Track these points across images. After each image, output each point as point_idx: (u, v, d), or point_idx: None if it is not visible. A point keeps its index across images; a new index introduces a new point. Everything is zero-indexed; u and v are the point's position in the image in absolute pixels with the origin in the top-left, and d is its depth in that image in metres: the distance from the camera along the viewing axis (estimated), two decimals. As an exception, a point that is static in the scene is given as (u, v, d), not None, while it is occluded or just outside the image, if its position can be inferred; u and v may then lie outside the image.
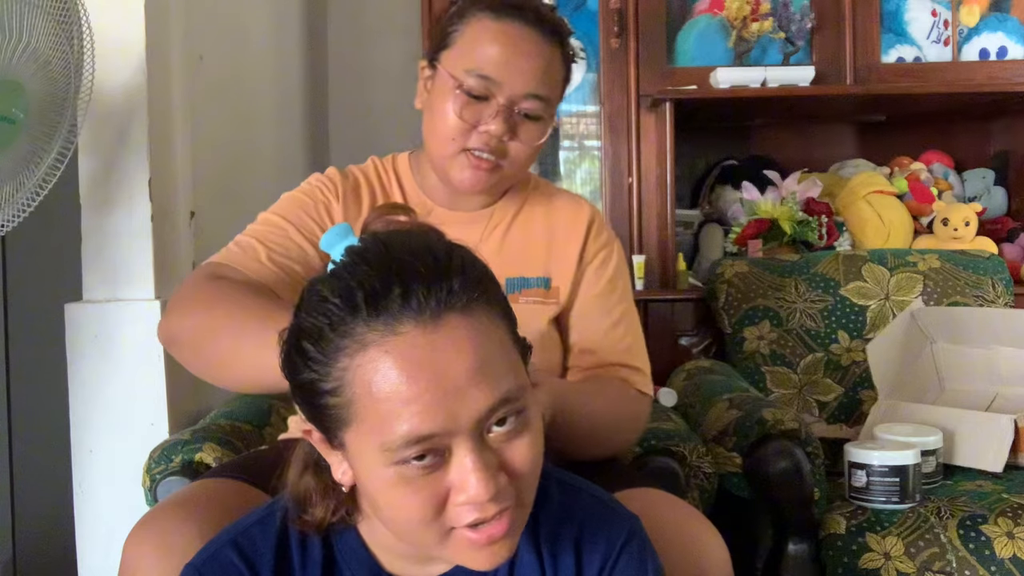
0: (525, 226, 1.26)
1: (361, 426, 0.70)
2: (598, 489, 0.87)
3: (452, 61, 1.17)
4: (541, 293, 1.23)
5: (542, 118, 1.17)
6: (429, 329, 0.68)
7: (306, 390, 0.72)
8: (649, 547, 0.84)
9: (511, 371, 0.72)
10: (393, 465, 0.69)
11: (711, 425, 1.60)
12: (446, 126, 1.16)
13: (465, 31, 1.17)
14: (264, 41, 2.34)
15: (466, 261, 0.73)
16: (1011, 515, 1.44)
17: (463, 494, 0.69)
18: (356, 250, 0.73)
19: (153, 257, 1.61)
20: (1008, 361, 1.77)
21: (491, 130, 1.14)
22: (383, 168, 1.30)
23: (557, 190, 1.32)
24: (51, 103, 1.35)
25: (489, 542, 0.71)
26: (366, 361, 0.68)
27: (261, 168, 2.25)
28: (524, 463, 0.72)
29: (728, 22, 2.46)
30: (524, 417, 0.72)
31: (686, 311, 2.32)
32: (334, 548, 0.83)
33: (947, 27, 2.56)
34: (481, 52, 1.14)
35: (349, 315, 0.69)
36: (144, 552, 0.97)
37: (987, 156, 2.75)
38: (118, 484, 1.57)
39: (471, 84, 1.14)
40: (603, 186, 2.51)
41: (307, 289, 0.74)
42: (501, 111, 1.14)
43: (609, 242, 1.28)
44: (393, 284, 0.68)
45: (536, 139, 1.18)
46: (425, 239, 0.74)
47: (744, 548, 1.55)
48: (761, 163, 2.58)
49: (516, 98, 1.14)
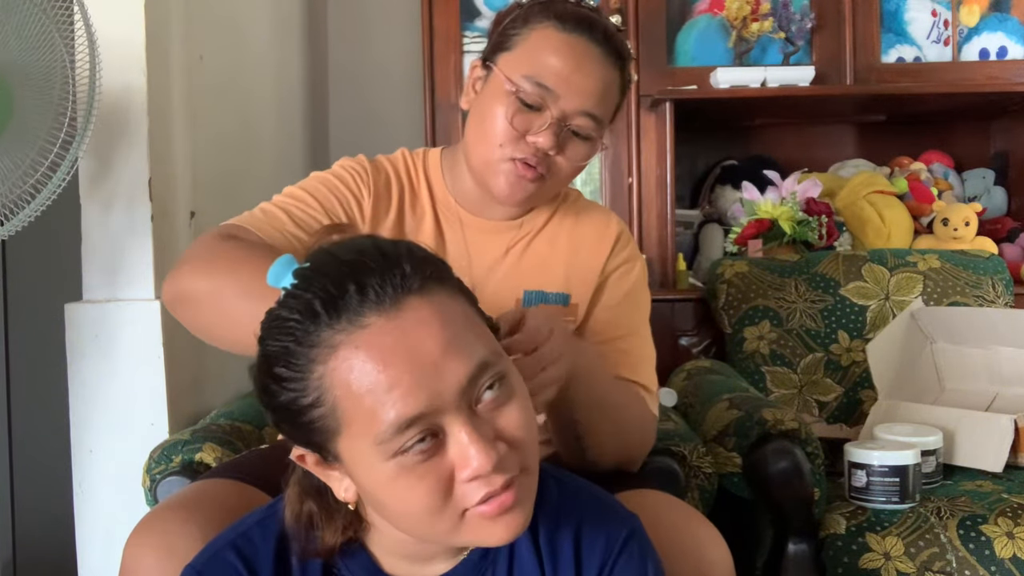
0: (550, 240, 1.23)
1: (351, 428, 0.70)
2: (597, 488, 0.87)
3: (510, 65, 1.13)
4: (559, 310, 1.20)
5: (592, 138, 1.15)
6: (392, 315, 0.69)
7: (288, 412, 0.72)
8: (649, 546, 0.84)
9: (481, 339, 0.73)
10: (391, 458, 0.69)
11: (711, 425, 1.60)
12: (494, 130, 1.13)
13: (529, 36, 1.13)
14: (264, 41, 2.34)
15: (412, 248, 0.74)
16: (1011, 515, 1.44)
17: (466, 469, 0.69)
18: (303, 269, 0.73)
19: (153, 257, 1.61)
20: (1008, 361, 1.77)
21: (539, 142, 1.11)
22: (412, 164, 1.26)
23: (589, 204, 1.29)
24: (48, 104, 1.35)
25: (501, 510, 0.71)
26: (339, 361, 0.69)
27: (261, 168, 2.25)
28: (518, 428, 0.72)
29: (728, 22, 2.46)
30: (507, 383, 0.73)
31: (686, 311, 2.32)
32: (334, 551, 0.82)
33: (947, 27, 2.56)
34: (542, 60, 1.11)
35: (311, 324, 0.69)
36: (145, 553, 0.97)
37: (987, 156, 2.75)
38: (118, 484, 1.57)
39: (527, 91, 1.11)
40: (603, 186, 2.51)
41: (264, 321, 0.73)
42: (553, 124, 1.11)
43: (632, 257, 1.26)
44: (347, 283, 0.69)
45: (582, 158, 1.15)
46: (367, 238, 0.74)
47: (744, 548, 1.55)
48: (761, 163, 2.58)
49: (570, 113, 1.12)
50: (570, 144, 1.14)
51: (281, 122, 2.47)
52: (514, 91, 1.11)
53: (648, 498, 1.06)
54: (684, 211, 2.63)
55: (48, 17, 1.29)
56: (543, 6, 1.15)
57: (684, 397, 1.85)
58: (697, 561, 0.99)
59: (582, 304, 1.21)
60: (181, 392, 1.62)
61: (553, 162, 1.14)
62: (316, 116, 2.81)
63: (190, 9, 1.77)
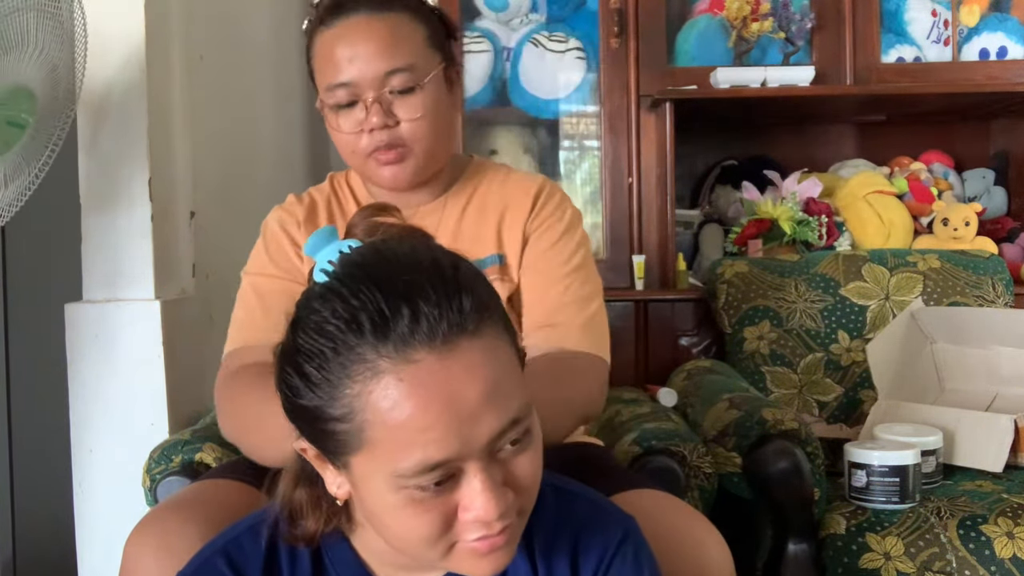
0: (479, 208, 1.24)
1: (372, 452, 0.68)
2: (593, 492, 0.87)
3: (319, 85, 1.18)
4: (497, 271, 1.20)
5: (415, 87, 1.14)
6: (443, 355, 0.66)
7: (310, 413, 0.70)
8: (645, 548, 0.84)
9: (518, 389, 0.71)
10: (402, 490, 0.68)
11: (711, 425, 1.60)
12: (341, 144, 1.19)
13: (315, 54, 1.18)
14: (264, 41, 2.34)
15: (472, 277, 0.71)
16: (1011, 515, 1.44)
17: (471, 512, 0.69)
18: (351, 261, 0.71)
19: (153, 257, 1.61)
20: (1008, 361, 1.77)
21: (373, 124, 1.13)
22: (339, 183, 1.31)
23: (514, 171, 1.29)
24: (53, 105, 1.35)
25: (492, 549, 0.71)
26: (379, 388, 0.66)
27: (261, 168, 2.25)
28: (528, 477, 0.72)
29: (728, 22, 2.46)
30: (529, 433, 0.72)
31: (686, 311, 2.32)
32: (324, 556, 0.82)
33: (947, 27, 2.56)
34: (329, 65, 1.15)
35: (354, 338, 0.66)
36: (144, 553, 0.98)
37: (987, 156, 2.75)
38: (118, 484, 1.57)
39: (337, 97, 1.15)
40: (603, 186, 2.50)
41: (302, 305, 0.71)
42: (371, 105, 1.13)
43: (561, 205, 1.24)
44: (401, 306, 0.66)
45: (417, 109, 1.14)
46: (426, 251, 0.72)
47: (744, 548, 1.55)
48: (761, 163, 2.58)
49: (376, 85, 1.13)
50: (398, 105, 1.14)
51: (281, 122, 2.47)
52: (328, 105, 1.16)
53: (648, 498, 1.06)
54: (684, 211, 2.63)
55: (52, 20, 1.29)
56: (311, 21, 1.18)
57: (684, 397, 1.85)
58: (697, 561, 0.99)
59: (515, 261, 1.21)
60: (181, 392, 1.63)
61: (400, 132, 1.15)
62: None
63: (190, 9, 1.77)
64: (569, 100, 2.56)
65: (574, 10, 2.58)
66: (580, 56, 2.53)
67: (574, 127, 2.64)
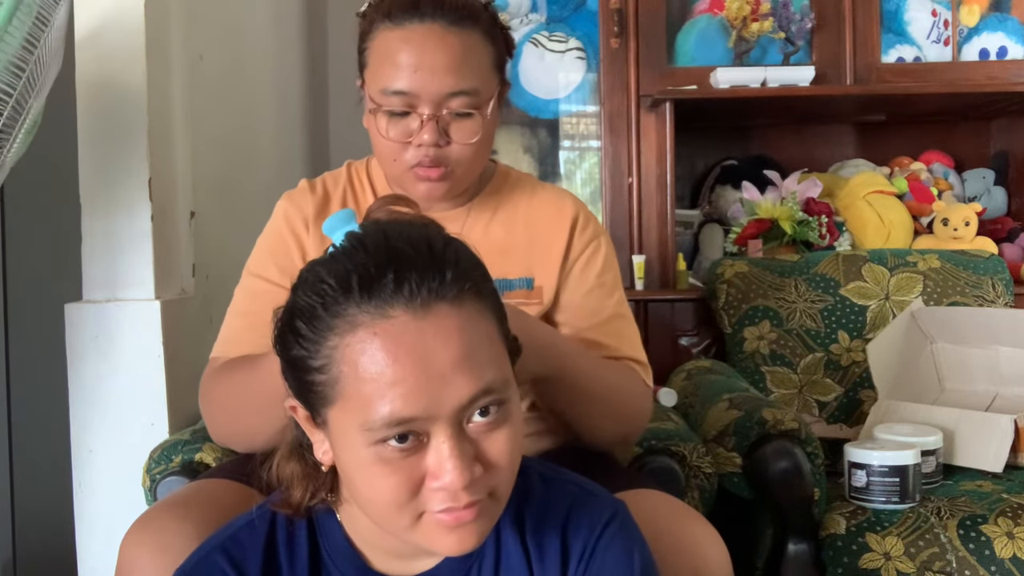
0: (506, 224, 1.22)
1: (345, 404, 0.71)
2: (580, 477, 0.87)
3: (371, 82, 1.13)
4: (524, 294, 1.19)
5: (474, 112, 1.11)
6: (419, 316, 0.70)
7: (295, 366, 0.74)
8: (634, 529, 0.84)
9: (495, 363, 0.74)
10: (372, 445, 0.70)
11: (711, 425, 1.60)
12: (384, 148, 1.13)
13: (373, 48, 1.12)
14: (264, 41, 2.34)
15: (461, 254, 0.75)
16: (1011, 515, 1.44)
17: (438, 480, 0.71)
18: (356, 236, 0.75)
19: (153, 257, 1.61)
20: (1008, 361, 1.77)
21: (424, 141, 1.09)
22: (356, 172, 1.27)
23: (540, 184, 1.28)
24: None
25: (457, 524, 0.72)
26: (355, 341, 0.70)
27: (261, 168, 2.25)
28: (501, 456, 0.73)
29: (728, 22, 2.46)
30: (505, 410, 0.74)
31: (686, 311, 2.32)
32: (321, 549, 0.83)
33: (947, 27, 2.56)
34: (390, 67, 1.09)
35: (342, 296, 0.71)
36: (141, 552, 0.98)
37: (987, 156, 2.75)
38: (118, 484, 1.57)
39: (391, 104, 1.10)
40: (603, 186, 2.51)
41: (306, 269, 0.76)
42: (427, 122, 1.09)
43: (596, 236, 1.23)
44: (388, 270, 0.70)
45: (473, 134, 1.11)
46: (424, 230, 0.75)
47: (744, 548, 1.55)
48: (761, 163, 2.58)
49: (438, 103, 1.09)
50: (454, 128, 1.11)
51: (281, 122, 2.47)
52: (381, 108, 1.11)
53: (646, 498, 1.06)
54: (684, 211, 2.63)
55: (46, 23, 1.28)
56: (374, 7, 1.13)
57: (684, 397, 1.85)
58: (695, 561, 0.99)
59: (547, 287, 1.20)
60: (181, 392, 1.62)
61: (448, 152, 1.11)
62: (316, 116, 2.81)
63: (190, 8, 1.77)
64: (569, 100, 2.57)
65: (574, 10, 2.58)
66: (580, 56, 2.53)
67: (574, 127, 2.65)
